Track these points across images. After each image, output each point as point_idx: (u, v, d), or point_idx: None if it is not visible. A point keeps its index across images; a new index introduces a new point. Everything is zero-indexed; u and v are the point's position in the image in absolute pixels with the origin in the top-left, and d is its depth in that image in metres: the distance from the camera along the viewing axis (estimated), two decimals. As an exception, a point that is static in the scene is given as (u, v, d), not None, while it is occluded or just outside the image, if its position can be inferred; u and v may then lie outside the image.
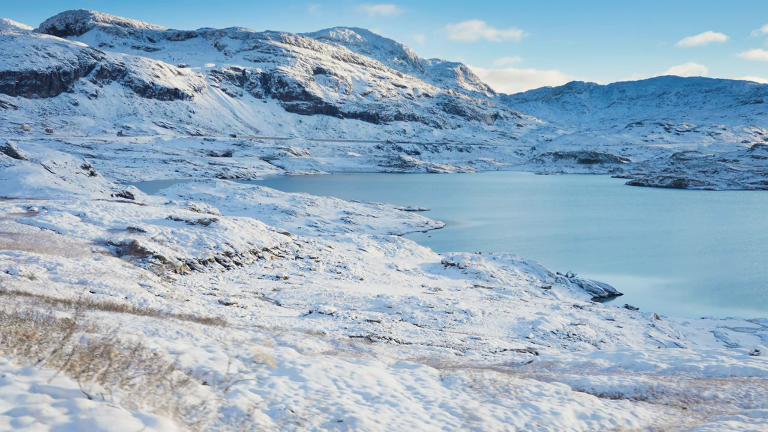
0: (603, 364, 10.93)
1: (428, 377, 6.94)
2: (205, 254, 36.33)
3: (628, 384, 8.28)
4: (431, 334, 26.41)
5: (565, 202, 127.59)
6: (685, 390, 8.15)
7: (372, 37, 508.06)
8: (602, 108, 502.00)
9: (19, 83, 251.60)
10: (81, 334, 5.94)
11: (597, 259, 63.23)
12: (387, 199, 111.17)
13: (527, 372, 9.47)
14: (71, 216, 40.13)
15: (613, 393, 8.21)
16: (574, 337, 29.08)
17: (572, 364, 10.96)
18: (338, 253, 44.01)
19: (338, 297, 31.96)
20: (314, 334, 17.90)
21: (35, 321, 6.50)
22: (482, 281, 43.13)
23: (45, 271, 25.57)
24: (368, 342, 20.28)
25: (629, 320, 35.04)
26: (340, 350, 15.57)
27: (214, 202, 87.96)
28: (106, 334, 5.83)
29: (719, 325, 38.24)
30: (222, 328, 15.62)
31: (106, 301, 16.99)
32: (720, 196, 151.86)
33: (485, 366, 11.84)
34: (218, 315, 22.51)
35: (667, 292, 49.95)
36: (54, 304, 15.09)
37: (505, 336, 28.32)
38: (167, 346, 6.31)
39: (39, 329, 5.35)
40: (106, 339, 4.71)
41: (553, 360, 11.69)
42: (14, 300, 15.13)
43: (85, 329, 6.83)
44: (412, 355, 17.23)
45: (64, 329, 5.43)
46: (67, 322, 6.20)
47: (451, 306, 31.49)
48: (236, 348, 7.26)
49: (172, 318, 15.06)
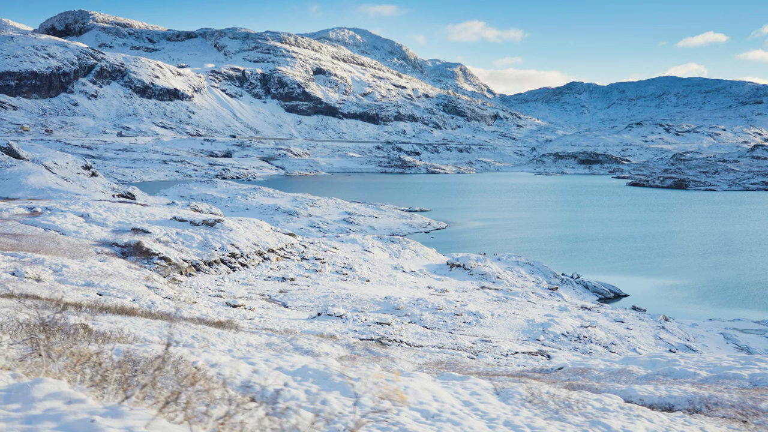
0: (638, 371, 10.60)
1: (482, 390, 6.61)
2: (211, 255, 36.03)
3: (678, 395, 7.93)
4: (441, 336, 26.13)
5: (566, 203, 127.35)
6: (740, 401, 7.83)
7: (371, 38, 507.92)
8: (602, 109, 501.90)
9: (19, 84, 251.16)
10: (113, 345, 5.63)
11: (601, 260, 62.93)
12: (388, 199, 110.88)
13: (562, 379, 9.17)
14: (75, 217, 39.81)
15: (663, 404, 7.84)
16: (584, 340, 28.79)
17: (607, 372, 10.62)
18: (343, 255, 43.71)
19: (346, 299, 31.67)
20: (327, 338, 17.61)
21: (67, 333, 6.20)
22: (489, 282, 42.84)
23: (51, 273, 25.26)
24: (381, 345, 19.97)
25: (638, 322, 34.77)
26: (356, 354, 15.28)
27: (216, 203, 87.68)
28: (159, 352, 5.48)
29: (727, 327, 37.96)
30: (236, 332, 15.33)
31: (117, 305, 16.70)
32: (721, 196, 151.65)
33: (514, 373, 11.53)
34: (228, 318, 22.22)
35: (673, 293, 49.65)
36: (65, 308, 14.81)
37: (515, 338, 28.03)
38: (207, 358, 6.00)
39: (81, 344, 5.06)
40: (166, 359, 4.39)
41: (585, 367, 11.36)
42: (24, 304, 14.85)
43: (118, 340, 6.52)
44: (429, 360, 16.93)
45: (101, 342, 5.15)
46: (103, 336, 5.91)
47: (459, 308, 31.21)
48: (276, 359, 6.93)
49: (186, 322, 14.77)
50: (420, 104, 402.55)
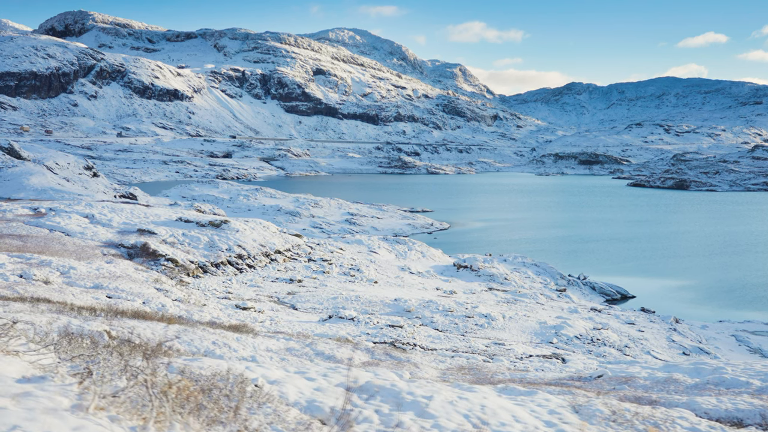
0: (685, 380, 10.22)
1: (560, 408, 6.20)
2: (218, 257, 35.67)
3: (745, 407, 7.54)
4: (454, 339, 25.80)
5: (568, 203, 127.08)
6: (814, 414, 7.52)
7: (371, 38, 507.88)
8: (601, 109, 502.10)
9: (19, 84, 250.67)
10: (164, 361, 5.26)
11: (606, 261, 62.59)
12: (389, 200, 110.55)
13: (607, 389, 8.83)
14: (79, 218, 39.45)
15: (730, 418, 7.44)
16: (597, 342, 28.47)
17: (652, 380, 10.25)
18: (350, 256, 43.37)
19: (355, 301, 31.33)
20: (345, 342, 17.27)
21: (94, 340, 5.86)
22: (496, 284, 42.51)
23: (59, 275, 24.91)
24: (399, 350, 19.62)
25: (649, 324, 34.44)
26: (378, 360, 14.94)
27: (218, 204, 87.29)
28: (215, 368, 5.13)
29: (738, 329, 37.61)
30: (254, 336, 14.99)
31: (132, 309, 16.35)
32: (723, 197, 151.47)
33: (552, 381, 11.19)
34: (240, 321, 21.88)
35: (680, 294, 49.31)
36: (79, 312, 14.47)
37: (528, 341, 27.71)
38: (263, 374, 5.63)
39: (134, 359, 4.71)
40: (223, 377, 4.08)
41: (627, 375, 10.99)
42: (38, 308, 14.52)
43: (166, 354, 6.15)
44: (451, 365, 16.59)
45: (149, 357, 4.80)
46: (158, 348, 5.56)
47: (470, 310, 30.88)
48: (334, 373, 6.56)
49: (203, 326, 14.43)
50: (420, 105, 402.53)
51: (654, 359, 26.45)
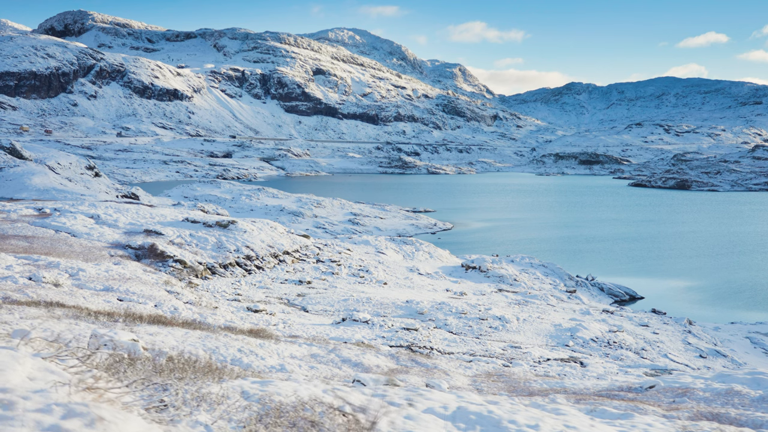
0: (748, 392, 9.77)
1: None
2: (226, 258, 35.20)
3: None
4: (470, 342, 25.36)
5: (570, 203, 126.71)
6: None
7: (371, 38, 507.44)
8: (601, 109, 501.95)
9: (18, 84, 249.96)
10: (233, 385, 4.76)
11: (612, 261, 62.18)
12: (390, 200, 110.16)
13: (667, 401, 8.40)
14: (85, 218, 38.97)
15: None
16: (614, 345, 28.05)
17: (712, 392, 9.80)
18: (358, 257, 42.92)
19: (366, 303, 30.89)
20: (367, 347, 16.82)
21: (133, 358, 5.43)
22: (506, 285, 42.08)
23: (68, 277, 24.45)
24: (418, 354, 19.19)
25: (663, 326, 34.03)
26: (404, 366, 14.51)
27: (221, 204, 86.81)
28: (297, 394, 4.65)
29: (751, 331, 37.22)
30: (276, 342, 14.55)
31: (150, 314, 15.90)
32: (725, 197, 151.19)
33: (601, 392, 10.73)
34: (254, 324, 21.44)
35: (689, 295, 48.90)
36: (96, 318, 14.03)
37: (544, 344, 27.28)
38: (344, 397, 5.12)
39: (206, 385, 4.27)
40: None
41: (682, 386, 10.51)
42: (54, 313, 14.08)
43: (229, 375, 5.65)
44: (478, 371, 16.15)
45: (214, 378, 4.35)
46: (214, 368, 5.08)
47: (484, 312, 30.44)
48: (418, 397, 6.02)
49: (225, 332, 13.99)
50: (420, 105, 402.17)
51: (674, 363, 26.06)
